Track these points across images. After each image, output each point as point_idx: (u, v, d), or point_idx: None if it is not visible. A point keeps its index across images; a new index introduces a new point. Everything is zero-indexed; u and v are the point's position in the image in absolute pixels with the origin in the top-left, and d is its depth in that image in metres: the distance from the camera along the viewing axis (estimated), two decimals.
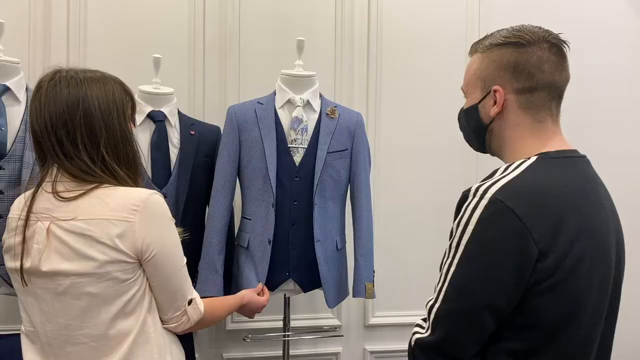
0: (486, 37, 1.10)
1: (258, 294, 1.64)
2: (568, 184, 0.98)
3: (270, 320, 2.28)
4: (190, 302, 1.23)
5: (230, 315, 2.34)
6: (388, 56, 2.47)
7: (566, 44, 1.06)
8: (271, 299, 2.21)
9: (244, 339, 2.10)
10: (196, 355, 2.29)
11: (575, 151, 1.06)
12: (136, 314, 1.16)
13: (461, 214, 0.95)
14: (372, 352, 2.48)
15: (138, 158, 1.23)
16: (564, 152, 1.03)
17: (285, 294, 1.99)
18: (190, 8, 2.30)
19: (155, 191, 1.17)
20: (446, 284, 0.94)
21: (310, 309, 2.42)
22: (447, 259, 0.96)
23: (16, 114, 1.72)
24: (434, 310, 0.95)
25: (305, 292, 1.91)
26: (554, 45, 1.04)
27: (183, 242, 1.84)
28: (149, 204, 1.13)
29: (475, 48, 1.11)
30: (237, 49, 2.34)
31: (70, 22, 2.19)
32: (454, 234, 0.96)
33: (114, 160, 1.16)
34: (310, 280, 1.88)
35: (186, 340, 1.87)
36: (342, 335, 2.37)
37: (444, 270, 0.96)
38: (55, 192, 1.12)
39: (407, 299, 2.42)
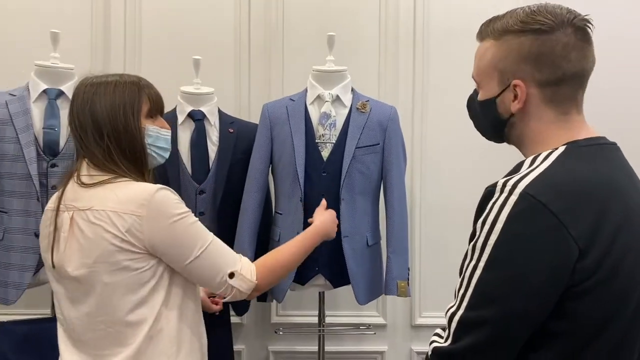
0: (497, 18, 0.98)
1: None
2: (603, 173, 0.88)
3: (310, 316, 2.30)
4: (232, 275, 1.23)
5: (275, 309, 2.39)
6: (435, 47, 2.39)
7: (591, 24, 0.93)
8: (307, 295, 2.25)
9: (275, 332, 2.13)
10: (242, 348, 2.37)
11: (604, 138, 0.95)
12: (150, 305, 1.19)
13: (486, 212, 0.86)
14: (419, 353, 2.41)
15: (144, 152, 1.28)
16: (594, 140, 0.93)
17: (318, 290, 2.00)
18: (236, 9, 2.38)
19: (163, 186, 1.21)
20: (470, 290, 0.85)
21: (356, 307, 2.40)
22: (469, 262, 0.87)
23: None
24: (456, 318, 0.86)
25: (335, 287, 1.91)
26: (580, 29, 0.91)
27: (219, 235, 1.93)
28: (155, 199, 1.17)
29: (486, 31, 0.99)
30: (281, 47, 2.38)
31: (127, 30, 2.36)
32: (477, 234, 0.87)
33: (118, 152, 1.23)
34: (339, 276, 1.88)
35: (223, 333, 1.95)
36: (374, 333, 2.33)
37: (467, 275, 0.86)
38: (79, 181, 1.22)
39: None
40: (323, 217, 1.56)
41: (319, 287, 1.93)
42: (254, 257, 1.92)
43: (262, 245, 1.97)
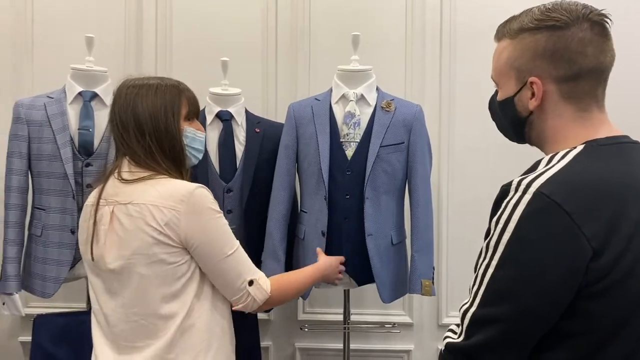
0: (513, 18, 0.99)
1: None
2: (623, 173, 0.87)
3: (336, 313, 2.31)
4: (251, 282, 1.28)
5: (302, 306, 2.42)
6: (462, 46, 2.37)
7: (609, 19, 0.93)
8: (333, 293, 2.27)
9: (301, 329, 2.16)
10: (269, 344, 2.41)
11: (626, 137, 0.94)
12: (182, 299, 1.23)
13: (501, 210, 0.87)
14: None
15: (183, 153, 1.34)
16: (615, 138, 0.92)
17: (343, 288, 2.01)
18: (263, 11, 2.42)
19: (201, 185, 1.27)
20: (483, 287, 0.86)
21: (382, 305, 2.41)
22: (483, 260, 0.88)
23: (103, 116, 1.95)
24: (469, 315, 0.87)
25: (359, 285, 1.92)
26: (596, 24, 0.91)
27: (246, 233, 1.97)
28: (194, 196, 1.23)
29: (502, 32, 1.00)
30: (307, 48, 2.41)
31: (158, 34, 2.43)
32: (491, 232, 0.88)
33: (159, 151, 1.29)
34: (364, 274, 1.89)
35: (250, 330, 1.99)
36: (399, 332, 2.32)
37: (480, 272, 0.88)
38: (120, 177, 1.27)
39: None
40: (330, 261, 1.64)
41: (343, 285, 1.95)
42: (286, 255, 1.96)
43: (289, 244, 2.00)
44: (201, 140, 1.39)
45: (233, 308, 1.30)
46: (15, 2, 2.40)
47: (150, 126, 1.28)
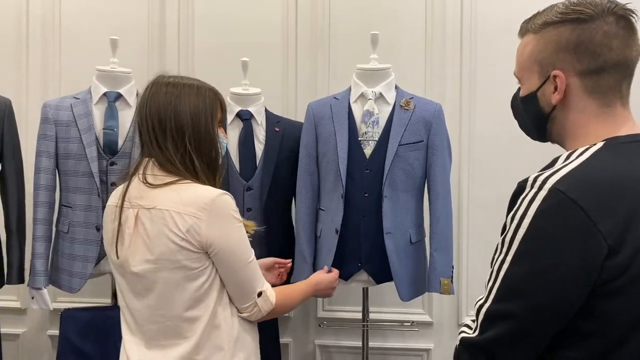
0: (538, 14, 0.98)
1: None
2: None
3: (355, 311, 2.32)
4: (260, 294, 1.29)
5: (322, 304, 2.44)
6: (483, 44, 2.35)
7: (635, 14, 0.92)
8: (352, 291, 2.28)
9: (319, 325, 2.17)
10: (289, 341, 2.43)
11: None
12: (206, 302, 1.24)
13: (516, 206, 0.87)
14: None
15: (219, 157, 1.32)
16: (637, 136, 0.91)
17: (361, 286, 2.02)
18: (283, 11, 2.44)
19: (225, 192, 1.25)
20: (497, 283, 0.87)
21: (402, 303, 2.40)
22: (498, 255, 0.89)
23: (127, 116, 2.01)
24: (483, 310, 0.88)
25: (377, 283, 1.93)
26: (621, 18, 0.90)
27: (266, 231, 1.99)
28: (216, 203, 1.21)
29: (526, 28, 1.00)
30: (327, 47, 2.42)
31: (180, 36, 2.47)
32: (507, 228, 0.88)
33: (196, 154, 1.26)
34: (382, 273, 1.89)
35: (270, 327, 2.01)
36: (418, 330, 2.32)
37: (495, 268, 0.88)
38: (144, 180, 1.25)
39: None
40: (320, 277, 1.62)
41: (362, 282, 1.96)
42: (314, 254, 1.97)
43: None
44: (225, 146, 1.39)
45: (238, 315, 1.29)
46: (44, 8, 2.48)
47: (190, 129, 1.25)
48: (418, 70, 2.38)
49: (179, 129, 1.25)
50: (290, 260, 1.68)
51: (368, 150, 1.88)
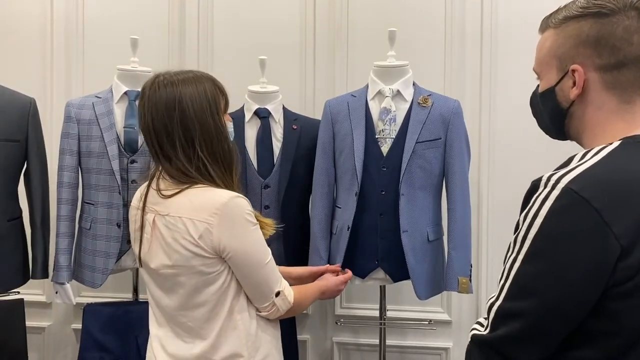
0: (559, 9, 0.97)
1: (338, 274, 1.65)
2: None
3: (373, 309, 2.32)
4: (277, 294, 1.28)
5: (340, 302, 2.44)
6: (503, 41, 2.32)
7: None
8: (369, 288, 2.27)
9: (336, 323, 2.18)
10: (307, 337, 2.44)
11: None
12: (223, 303, 1.25)
13: (530, 205, 0.86)
14: None
15: (233, 152, 1.28)
16: None
17: (378, 284, 2.02)
18: (302, 8, 2.45)
19: (238, 194, 1.23)
20: (509, 281, 0.86)
21: (421, 302, 2.39)
22: (511, 254, 0.88)
23: None
24: (495, 308, 0.87)
25: (394, 282, 1.92)
26: None
27: (284, 228, 2.00)
28: (228, 207, 1.19)
29: (547, 23, 0.98)
30: (345, 45, 2.42)
31: (200, 35, 2.50)
32: (520, 226, 0.87)
33: (209, 157, 1.22)
34: (399, 271, 1.88)
35: (287, 322, 2.02)
36: (435, 329, 2.30)
37: (507, 266, 0.88)
38: (158, 189, 1.24)
39: None
40: (330, 285, 1.57)
41: (379, 280, 1.95)
42: (329, 252, 1.97)
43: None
44: (232, 131, 1.33)
45: (256, 313, 1.30)
46: (68, 10, 2.53)
47: (198, 131, 1.20)
48: (437, 67, 2.36)
49: (186, 132, 1.20)
50: (338, 265, 1.71)
51: (385, 148, 1.88)
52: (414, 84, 1.95)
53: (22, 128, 2.03)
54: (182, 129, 1.20)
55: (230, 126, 1.32)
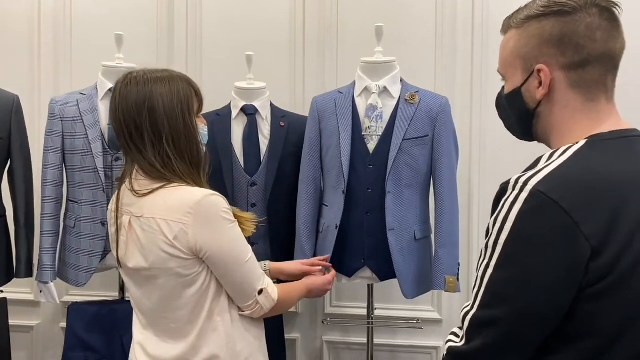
0: (520, 9, 0.96)
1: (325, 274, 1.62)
2: (625, 168, 0.84)
3: (363, 308, 2.29)
4: (260, 292, 1.25)
5: (329, 300, 2.42)
6: (494, 37, 2.25)
7: (618, 6, 0.90)
8: (359, 287, 2.25)
9: (323, 322, 2.16)
10: (297, 336, 2.42)
11: (634, 130, 0.90)
12: (203, 305, 1.22)
13: (499, 209, 0.85)
14: None
15: (202, 154, 1.26)
16: (620, 132, 0.88)
17: (365, 282, 2.00)
18: (291, 4, 2.41)
19: (212, 192, 1.20)
20: (482, 289, 0.84)
21: (411, 301, 2.37)
22: (483, 260, 0.86)
23: None
24: (469, 317, 0.85)
25: (381, 280, 1.90)
26: (605, 10, 0.88)
27: (271, 226, 1.97)
28: (202, 206, 1.17)
29: (509, 23, 0.98)
30: (335, 41, 2.39)
31: (189, 31, 2.47)
32: (490, 231, 0.86)
33: (176, 153, 1.20)
34: (386, 269, 1.86)
35: (274, 322, 2.00)
36: (422, 328, 2.28)
37: (480, 273, 0.86)
38: (132, 189, 1.21)
39: None
40: (317, 285, 1.53)
41: (366, 279, 1.93)
42: (314, 251, 1.95)
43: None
44: (206, 134, 1.32)
45: (240, 313, 1.27)
46: (56, 5, 2.50)
47: (167, 128, 1.19)
48: (428, 64, 2.33)
49: (155, 128, 1.19)
50: (327, 256, 1.66)
51: (371, 145, 1.85)
52: (401, 80, 1.92)
53: (5, 125, 2.01)
54: (150, 124, 1.19)
55: (203, 129, 1.30)
